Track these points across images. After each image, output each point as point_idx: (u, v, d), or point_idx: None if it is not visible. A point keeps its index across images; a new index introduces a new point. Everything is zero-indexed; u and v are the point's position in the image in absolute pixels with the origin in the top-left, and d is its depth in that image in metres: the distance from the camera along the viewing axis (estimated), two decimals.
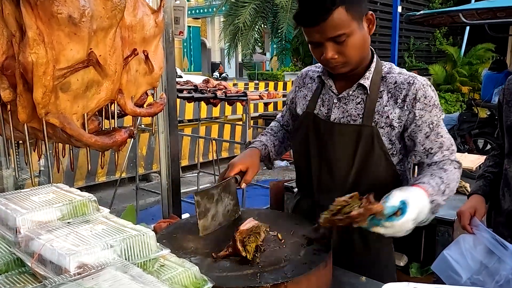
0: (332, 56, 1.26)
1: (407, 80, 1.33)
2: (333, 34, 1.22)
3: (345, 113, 1.37)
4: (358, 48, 1.27)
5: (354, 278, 1.22)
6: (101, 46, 1.12)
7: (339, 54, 1.26)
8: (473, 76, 10.12)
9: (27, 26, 0.99)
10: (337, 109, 1.38)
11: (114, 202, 4.37)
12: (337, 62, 1.28)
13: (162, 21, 1.39)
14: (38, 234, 0.82)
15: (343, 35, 1.22)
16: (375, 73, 1.35)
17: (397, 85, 1.34)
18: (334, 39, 1.23)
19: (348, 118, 1.36)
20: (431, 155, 1.33)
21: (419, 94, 1.31)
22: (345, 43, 1.24)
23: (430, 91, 1.33)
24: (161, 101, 1.49)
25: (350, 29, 1.22)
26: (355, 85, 1.36)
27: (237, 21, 13.60)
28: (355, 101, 1.36)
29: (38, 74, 1.01)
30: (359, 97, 1.36)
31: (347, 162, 1.35)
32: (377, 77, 1.35)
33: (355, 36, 1.24)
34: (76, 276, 0.72)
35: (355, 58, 1.29)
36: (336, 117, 1.38)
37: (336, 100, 1.39)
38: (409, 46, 10.24)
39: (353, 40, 1.24)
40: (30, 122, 1.13)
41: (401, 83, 1.33)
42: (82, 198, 0.96)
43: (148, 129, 5.00)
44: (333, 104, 1.39)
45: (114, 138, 1.28)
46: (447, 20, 6.65)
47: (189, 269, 0.82)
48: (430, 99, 1.32)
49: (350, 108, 1.36)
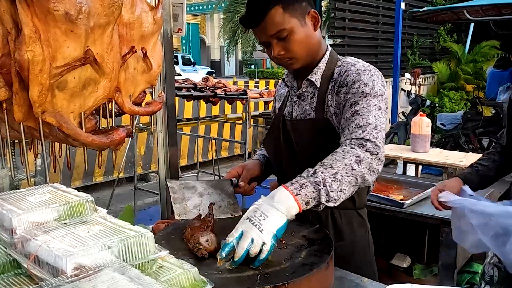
0: (278, 53, 1.35)
1: (345, 68, 1.39)
2: (273, 32, 1.32)
3: (302, 109, 1.46)
4: (303, 44, 1.35)
5: (356, 279, 1.22)
6: (99, 43, 1.12)
7: (285, 51, 1.35)
8: (477, 74, 10.11)
9: (23, 23, 0.99)
10: (297, 107, 1.47)
11: (112, 203, 4.38)
12: (285, 59, 1.37)
13: (161, 18, 1.39)
14: (34, 235, 0.82)
15: (283, 31, 1.31)
16: (327, 68, 1.43)
17: (340, 74, 1.40)
18: (277, 36, 1.33)
19: (305, 114, 1.45)
20: (342, 134, 1.31)
21: (348, 79, 1.35)
22: (288, 39, 1.33)
23: (364, 76, 1.33)
24: (159, 99, 1.49)
25: (290, 25, 1.31)
26: (305, 81, 1.44)
27: (237, 18, 13.57)
28: (309, 96, 1.45)
29: (34, 72, 1.01)
30: (312, 92, 1.44)
31: (309, 156, 1.37)
32: (329, 72, 1.42)
33: (298, 32, 1.33)
34: (73, 278, 0.72)
35: (301, 53, 1.36)
36: (297, 114, 1.47)
37: (295, 98, 1.48)
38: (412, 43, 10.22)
39: (296, 36, 1.33)
40: (26, 121, 1.13)
41: (340, 71, 1.40)
42: (79, 199, 0.96)
43: (146, 128, 5.01)
44: (294, 103, 1.49)
45: (112, 137, 1.28)
46: (451, 17, 6.64)
47: (188, 271, 0.82)
48: (358, 83, 1.32)
49: (306, 104, 1.45)
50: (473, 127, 5.99)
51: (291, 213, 1.11)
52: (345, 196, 1.19)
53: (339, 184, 1.16)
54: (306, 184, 1.14)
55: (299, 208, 1.12)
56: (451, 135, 6.16)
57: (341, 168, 1.17)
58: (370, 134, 1.25)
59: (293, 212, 1.12)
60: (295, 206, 1.11)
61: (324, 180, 1.15)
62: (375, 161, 1.23)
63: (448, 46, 10.75)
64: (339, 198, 1.17)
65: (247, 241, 1.05)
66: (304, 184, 1.14)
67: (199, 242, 1.16)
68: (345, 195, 1.18)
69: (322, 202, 1.15)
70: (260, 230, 1.06)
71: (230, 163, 7.27)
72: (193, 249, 1.16)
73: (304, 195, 1.12)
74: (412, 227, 2.48)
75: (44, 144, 1.18)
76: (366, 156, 1.21)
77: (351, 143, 1.24)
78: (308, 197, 1.13)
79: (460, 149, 5.54)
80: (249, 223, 1.08)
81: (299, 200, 1.12)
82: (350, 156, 1.20)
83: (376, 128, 1.27)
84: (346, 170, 1.17)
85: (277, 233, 1.08)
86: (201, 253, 1.14)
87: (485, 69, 9.44)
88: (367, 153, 1.22)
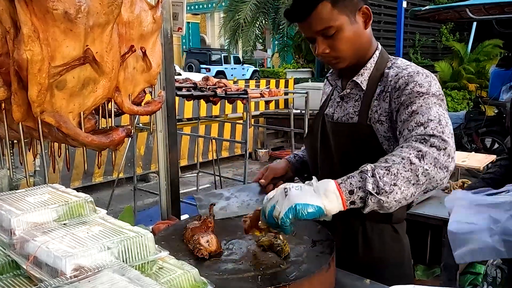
0: (323, 51, 1.29)
1: (395, 71, 1.29)
2: (320, 28, 1.25)
3: (344, 112, 1.39)
4: (351, 43, 1.28)
5: (358, 280, 1.22)
6: (98, 42, 1.12)
7: (330, 49, 1.28)
8: (480, 73, 10.10)
9: (21, 23, 0.99)
10: (340, 108, 1.41)
11: (111, 203, 4.38)
12: (329, 57, 1.31)
13: (160, 17, 1.38)
14: (33, 236, 0.82)
15: (331, 28, 1.25)
16: (375, 69, 1.34)
17: (388, 78, 1.30)
18: (323, 33, 1.26)
19: (347, 117, 1.38)
20: (401, 136, 1.18)
21: (400, 82, 1.24)
22: (335, 37, 1.26)
23: (418, 77, 1.22)
24: (159, 99, 1.49)
25: (338, 22, 1.25)
26: (351, 82, 1.37)
27: (238, 17, 13.58)
28: (354, 99, 1.38)
29: (33, 71, 1.01)
30: (358, 95, 1.37)
31: (346, 161, 1.34)
32: (377, 73, 1.34)
33: (346, 30, 1.26)
34: (72, 279, 0.72)
35: (348, 53, 1.30)
36: (339, 116, 1.41)
37: (339, 99, 1.42)
38: (414, 42, 10.23)
39: (344, 34, 1.26)
40: (25, 121, 1.13)
41: (395, 75, 1.28)
42: (78, 199, 0.96)
43: (146, 128, 5.01)
44: (337, 104, 1.43)
45: (111, 137, 1.28)
46: (454, 16, 6.63)
47: (189, 272, 0.82)
48: (412, 84, 1.21)
49: (349, 106, 1.38)
50: (475, 127, 5.98)
51: (329, 199, 0.98)
52: (402, 194, 1.01)
53: (393, 177, 1.00)
54: (352, 175, 1.03)
55: (341, 196, 0.99)
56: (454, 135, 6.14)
57: (396, 161, 1.02)
58: (434, 129, 1.09)
59: (332, 198, 0.98)
60: (335, 192, 0.99)
61: (373, 170, 1.01)
62: (443, 157, 1.04)
63: (450, 45, 10.75)
64: (392, 192, 1.00)
65: (271, 203, 1.02)
66: (350, 175, 1.03)
67: (199, 242, 1.16)
68: (403, 194, 1.01)
69: (369, 190, 0.99)
70: (286, 195, 0.99)
71: (231, 163, 7.27)
72: (193, 250, 1.16)
73: (349, 184, 1.01)
74: (414, 227, 2.48)
75: (43, 144, 1.18)
76: (431, 151, 1.04)
77: (412, 139, 1.09)
78: (353, 185, 1.00)
79: (462, 149, 5.54)
80: (282, 188, 1.02)
81: (342, 188, 1.00)
82: (410, 150, 1.05)
83: (440, 122, 1.11)
84: (403, 164, 1.02)
85: (297, 207, 0.96)
86: (202, 254, 1.14)
87: (487, 68, 9.44)
88: (432, 148, 1.05)
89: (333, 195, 0.99)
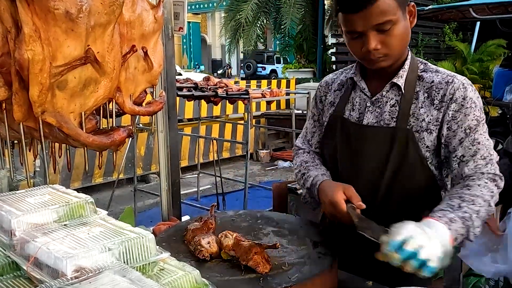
0: (375, 47, 1.19)
1: (445, 79, 1.27)
2: (379, 21, 1.17)
3: (378, 117, 1.31)
4: (402, 39, 1.22)
5: (361, 282, 1.22)
6: (99, 42, 1.13)
7: (382, 45, 1.20)
8: (483, 74, 10.08)
9: (23, 22, 0.99)
10: (370, 114, 1.32)
11: (112, 204, 4.38)
12: (379, 54, 1.22)
13: (162, 16, 1.39)
14: (33, 237, 0.82)
15: (389, 22, 1.17)
16: (410, 71, 1.29)
17: (434, 84, 1.27)
18: (379, 27, 1.18)
19: (381, 123, 1.30)
20: (462, 164, 1.24)
21: (457, 95, 1.24)
22: (390, 32, 1.18)
23: (470, 91, 1.25)
24: (160, 99, 1.49)
25: (396, 16, 1.18)
26: (388, 85, 1.30)
27: (239, 17, 13.58)
28: (389, 103, 1.30)
29: (34, 71, 1.02)
30: (393, 99, 1.30)
31: (379, 168, 1.29)
32: (413, 75, 1.29)
33: (400, 25, 1.19)
34: (73, 280, 0.72)
35: (397, 50, 1.23)
36: (369, 121, 1.32)
37: (369, 103, 1.33)
38: (417, 42, 10.21)
39: (398, 29, 1.19)
40: (26, 121, 1.13)
41: (439, 82, 1.27)
42: (79, 200, 0.97)
43: (147, 129, 5.02)
44: (366, 108, 1.33)
45: (112, 138, 1.28)
46: (457, 15, 6.63)
47: (190, 273, 0.82)
48: (469, 101, 1.24)
49: (384, 111, 1.30)
50: None
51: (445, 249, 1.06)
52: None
53: (479, 221, 1.15)
54: (455, 219, 1.11)
55: (451, 244, 1.09)
56: None
57: (482, 205, 1.16)
58: (497, 169, 1.24)
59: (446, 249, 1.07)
60: (448, 243, 1.08)
61: (470, 216, 1.13)
62: (498, 195, 1.23)
63: (453, 45, 10.73)
64: (477, 235, 1.16)
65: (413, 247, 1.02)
66: (453, 219, 1.11)
67: (200, 244, 1.16)
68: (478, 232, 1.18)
69: (469, 239, 1.14)
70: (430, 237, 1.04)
71: (232, 164, 7.27)
72: (194, 251, 1.16)
73: (455, 231, 1.10)
74: None
75: (43, 144, 1.18)
76: (497, 192, 1.22)
77: (484, 177, 1.21)
78: (458, 232, 1.11)
79: None
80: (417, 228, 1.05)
81: (452, 234, 1.10)
82: (488, 192, 1.19)
83: (497, 158, 1.25)
84: (485, 208, 1.17)
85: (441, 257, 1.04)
86: (203, 255, 1.14)
87: (491, 69, 9.41)
88: (497, 189, 1.22)
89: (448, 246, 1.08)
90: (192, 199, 5.29)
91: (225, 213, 1.54)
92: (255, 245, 1.07)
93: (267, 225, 1.37)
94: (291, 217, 1.61)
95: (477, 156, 1.22)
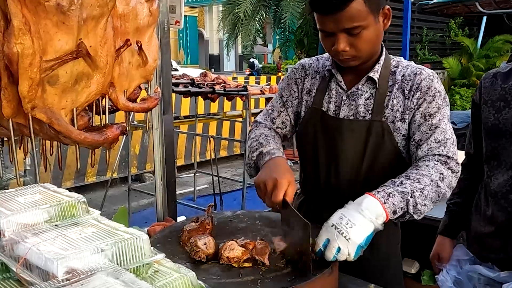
0: (343, 48, 1.28)
1: (414, 71, 1.38)
2: (349, 26, 1.25)
3: (354, 110, 1.40)
4: (371, 42, 1.31)
5: (362, 285, 1.22)
6: (92, 36, 1.12)
7: (351, 47, 1.29)
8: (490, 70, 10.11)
9: (12, 15, 0.99)
10: (346, 107, 1.41)
11: (105, 204, 4.38)
12: (347, 55, 1.31)
13: (157, 9, 1.38)
14: (23, 237, 0.82)
15: (358, 27, 1.25)
16: (384, 67, 1.40)
17: (405, 77, 1.38)
18: (349, 31, 1.26)
19: (357, 115, 1.39)
20: (419, 148, 1.33)
21: (423, 84, 1.35)
22: (359, 36, 1.27)
23: (436, 82, 1.36)
24: (155, 95, 1.49)
25: (366, 22, 1.26)
26: (364, 79, 1.40)
27: (237, 11, 13.57)
28: (364, 96, 1.40)
29: (24, 66, 1.01)
30: (368, 92, 1.40)
31: (357, 160, 1.38)
32: (386, 71, 1.40)
33: (370, 29, 1.28)
34: (64, 282, 0.72)
35: (366, 52, 1.33)
36: (345, 114, 1.41)
37: (344, 97, 1.42)
38: (421, 37, 10.21)
39: (367, 33, 1.28)
40: (15, 118, 1.13)
41: (408, 74, 1.38)
42: (70, 199, 0.96)
43: (141, 126, 5.01)
44: (342, 102, 1.42)
45: (105, 135, 1.28)
46: (463, 10, 6.63)
47: (185, 275, 0.82)
48: (433, 90, 1.34)
49: (359, 104, 1.39)
50: None
51: (378, 222, 1.14)
52: (427, 211, 1.23)
53: (424, 199, 1.20)
54: (393, 193, 1.18)
55: (387, 216, 1.15)
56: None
57: (427, 183, 1.22)
58: (451, 151, 1.30)
59: (380, 221, 1.14)
60: (383, 215, 1.14)
61: (412, 192, 1.19)
62: (454, 179, 1.29)
63: (459, 40, 10.73)
64: (423, 213, 1.21)
65: (333, 250, 1.08)
66: (391, 193, 1.17)
67: (196, 245, 1.16)
68: (427, 211, 1.23)
69: (410, 213, 1.19)
70: (347, 239, 1.09)
71: (230, 163, 7.27)
72: (190, 253, 1.16)
73: (392, 204, 1.16)
74: (420, 231, 2.48)
75: (34, 142, 1.18)
76: (448, 174, 1.26)
77: (434, 159, 1.28)
78: (396, 206, 1.17)
79: None
80: (335, 230, 1.10)
81: (387, 209, 1.15)
82: (435, 172, 1.24)
83: (453, 143, 1.32)
84: (431, 186, 1.22)
85: (363, 243, 1.10)
86: (199, 257, 1.14)
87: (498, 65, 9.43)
88: (449, 171, 1.27)
89: (382, 218, 1.15)
90: (188, 199, 5.30)
91: (223, 213, 1.54)
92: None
93: (265, 226, 1.37)
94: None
95: (431, 139, 1.31)
